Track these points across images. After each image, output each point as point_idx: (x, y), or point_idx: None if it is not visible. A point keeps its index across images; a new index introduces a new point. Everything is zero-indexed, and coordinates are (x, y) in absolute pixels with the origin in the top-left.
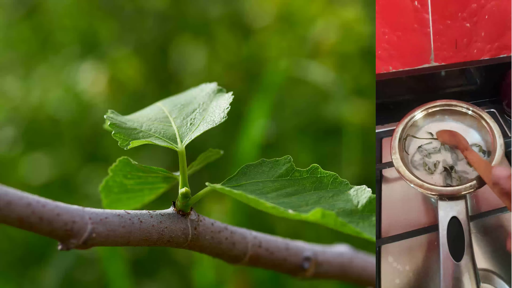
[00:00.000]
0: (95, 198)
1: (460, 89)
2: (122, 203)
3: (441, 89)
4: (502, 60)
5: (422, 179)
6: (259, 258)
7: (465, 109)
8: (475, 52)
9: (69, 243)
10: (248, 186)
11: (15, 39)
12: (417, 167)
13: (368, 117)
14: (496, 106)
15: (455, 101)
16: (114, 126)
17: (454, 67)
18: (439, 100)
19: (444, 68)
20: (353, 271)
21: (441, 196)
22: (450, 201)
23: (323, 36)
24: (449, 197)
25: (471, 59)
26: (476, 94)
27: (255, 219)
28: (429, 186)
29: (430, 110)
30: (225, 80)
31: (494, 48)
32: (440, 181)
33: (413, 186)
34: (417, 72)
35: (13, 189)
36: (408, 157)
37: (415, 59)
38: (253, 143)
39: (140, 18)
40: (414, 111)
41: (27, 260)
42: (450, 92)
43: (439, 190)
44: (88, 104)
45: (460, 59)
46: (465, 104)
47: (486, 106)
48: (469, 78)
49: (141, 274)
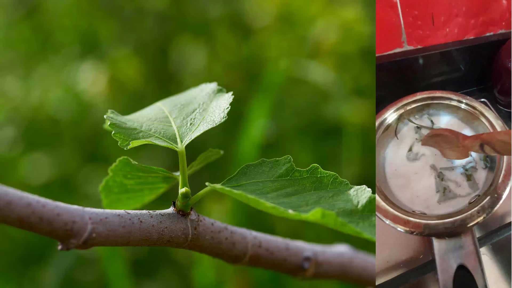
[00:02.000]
0: (95, 198)
1: (442, 78)
2: (122, 203)
3: (417, 80)
4: (488, 39)
5: (406, 211)
6: (259, 258)
7: (455, 101)
8: (456, 31)
9: (69, 243)
10: (248, 186)
11: (15, 39)
12: (402, 185)
13: (368, 117)
14: (487, 95)
15: (440, 92)
16: (114, 126)
17: (432, 51)
18: (419, 93)
19: (420, 52)
20: (353, 271)
21: (438, 234)
22: (452, 239)
23: (323, 36)
24: (450, 234)
25: (452, 39)
26: (461, 82)
27: (255, 219)
28: (416, 222)
29: (408, 108)
30: (225, 80)
31: (479, 24)
32: (432, 186)
33: (392, 225)
34: (386, 59)
35: (13, 189)
36: (386, 173)
37: (383, 42)
38: (253, 143)
39: (140, 18)
40: (385, 111)
41: (27, 260)
42: (430, 83)
43: (433, 225)
44: (88, 104)
45: (439, 40)
46: (454, 95)
47: (475, 95)
48: (451, 63)
49: (141, 274)
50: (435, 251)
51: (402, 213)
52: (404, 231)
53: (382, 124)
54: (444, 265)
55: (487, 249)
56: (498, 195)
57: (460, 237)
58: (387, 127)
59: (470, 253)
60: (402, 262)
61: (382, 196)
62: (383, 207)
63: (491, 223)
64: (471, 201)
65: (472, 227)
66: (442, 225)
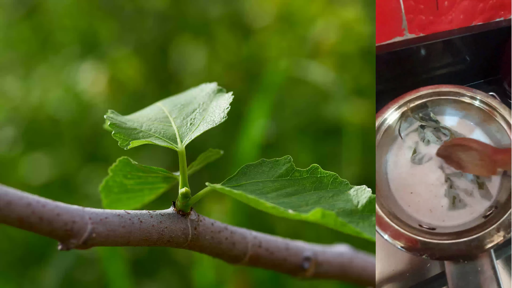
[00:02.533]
0: (95, 198)
1: (446, 71)
2: (122, 203)
3: (419, 73)
4: (498, 25)
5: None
6: (259, 258)
7: (467, 98)
8: (462, 16)
9: (69, 243)
10: (248, 186)
11: (15, 39)
12: (406, 193)
13: (368, 117)
14: (495, 88)
15: (446, 86)
16: (114, 126)
17: (435, 39)
18: (422, 88)
19: (422, 41)
20: (353, 271)
21: (451, 257)
22: (467, 262)
23: (323, 36)
24: (464, 257)
25: (457, 26)
26: (467, 74)
27: (255, 219)
28: (425, 241)
29: (412, 105)
30: (225, 80)
31: (488, 8)
32: (440, 193)
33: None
34: (385, 49)
35: (13, 189)
36: (388, 180)
37: (382, 31)
38: (253, 143)
39: (140, 18)
40: (385, 110)
41: (27, 260)
42: (433, 76)
43: (445, 246)
44: (88, 104)
45: (443, 27)
46: (465, 90)
47: (481, 89)
48: (456, 54)
49: (141, 274)
50: (447, 276)
51: (408, 231)
52: (412, 254)
53: (382, 125)
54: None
55: (500, 261)
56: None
57: (477, 260)
58: (388, 128)
59: (488, 279)
60: (408, 271)
61: (384, 210)
62: (386, 223)
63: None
64: (487, 215)
65: (491, 248)
66: (456, 247)
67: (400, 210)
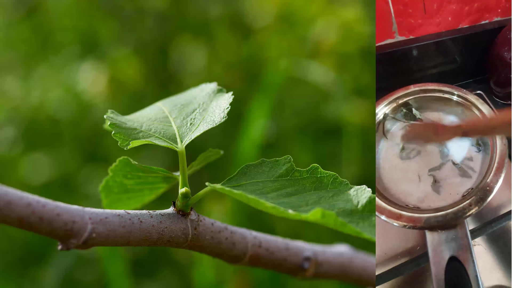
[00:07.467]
0: (95, 198)
1: (437, 70)
2: (122, 203)
3: (412, 73)
4: (484, 27)
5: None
6: (259, 258)
7: (447, 94)
8: (450, 19)
9: (69, 243)
10: (248, 186)
11: (15, 39)
12: (396, 182)
13: (368, 117)
14: (483, 87)
15: (433, 84)
16: (114, 126)
17: (424, 41)
18: (412, 86)
19: (412, 43)
20: (353, 271)
21: (430, 227)
22: (444, 231)
23: (323, 36)
24: (442, 226)
25: (445, 28)
26: (457, 74)
27: (255, 219)
28: (410, 216)
29: (400, 101)
30: (225, 80)
31: (474, 11)
32: (425, 185)
33: (386, 220)
34: (378, 50)
35: (13, 189)
36: (379, 166)
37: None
38: (253, 143)
39: (140, 18)
40: (376, 106)
41: (27, 260)
42: (425, 76)
43: (426, 218)
44: (88, 104)
45: (432, 29)
46: (447, 87)
47: (471, 88)
48: (446, 54)
49: (141, 274)
50: (428, 244)
51: (396, 208)
52: (398, 225)
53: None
54: (437, 257)
55: (482, 239)
56: (490, 188)
57: (453, 229)
58: (378, 124)
59: (462, 245)
60: (400, 254)
61: (376, 192)
62: (378, 202)
63: (486, 214)
64: (464, 194)
65: (464, 219)
66: (434, 219)
67: (389, 193)
